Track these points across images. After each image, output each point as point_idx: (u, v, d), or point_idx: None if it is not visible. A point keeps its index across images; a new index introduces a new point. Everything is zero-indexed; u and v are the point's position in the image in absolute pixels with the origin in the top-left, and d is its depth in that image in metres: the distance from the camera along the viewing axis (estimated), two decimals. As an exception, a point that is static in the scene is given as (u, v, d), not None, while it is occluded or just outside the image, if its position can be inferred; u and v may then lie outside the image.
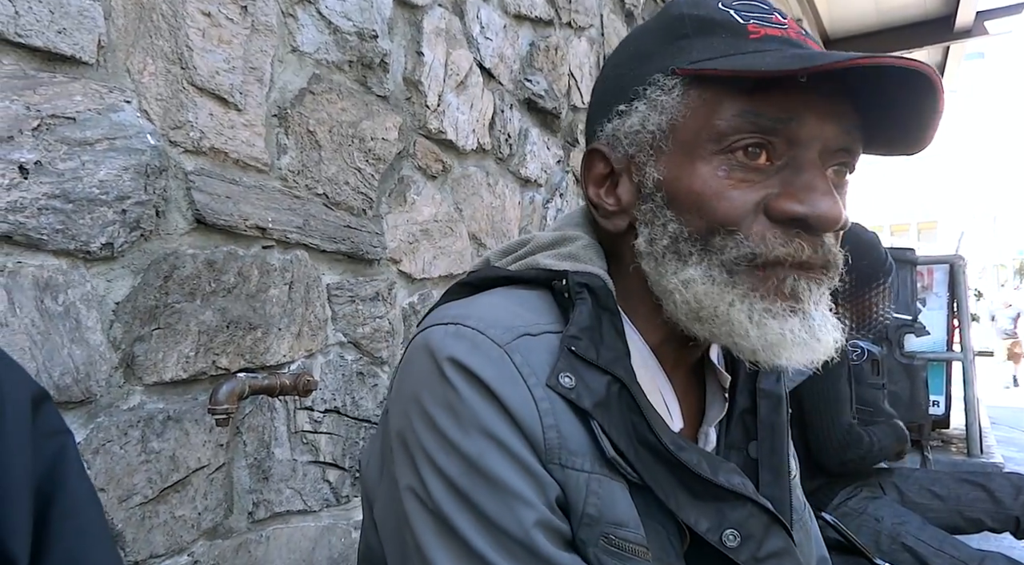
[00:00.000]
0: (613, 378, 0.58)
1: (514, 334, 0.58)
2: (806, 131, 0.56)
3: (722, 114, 0.57)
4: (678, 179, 0.59)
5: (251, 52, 1.16)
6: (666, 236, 0.60)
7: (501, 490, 0.54)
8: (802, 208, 0.56)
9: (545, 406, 0.56)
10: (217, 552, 1.10)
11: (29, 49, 0.85)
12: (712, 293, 0.58)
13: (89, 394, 0.91)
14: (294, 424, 1.26)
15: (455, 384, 0.56)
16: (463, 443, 0.54)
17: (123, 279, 0.97)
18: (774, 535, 0.60)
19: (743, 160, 0.57)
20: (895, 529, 1.98)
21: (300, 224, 1.24)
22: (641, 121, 0.61)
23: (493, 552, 0.53)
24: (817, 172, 0.57)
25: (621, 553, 0.55)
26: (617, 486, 0.57)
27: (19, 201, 0.83)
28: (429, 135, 1.60)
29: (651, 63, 0.62)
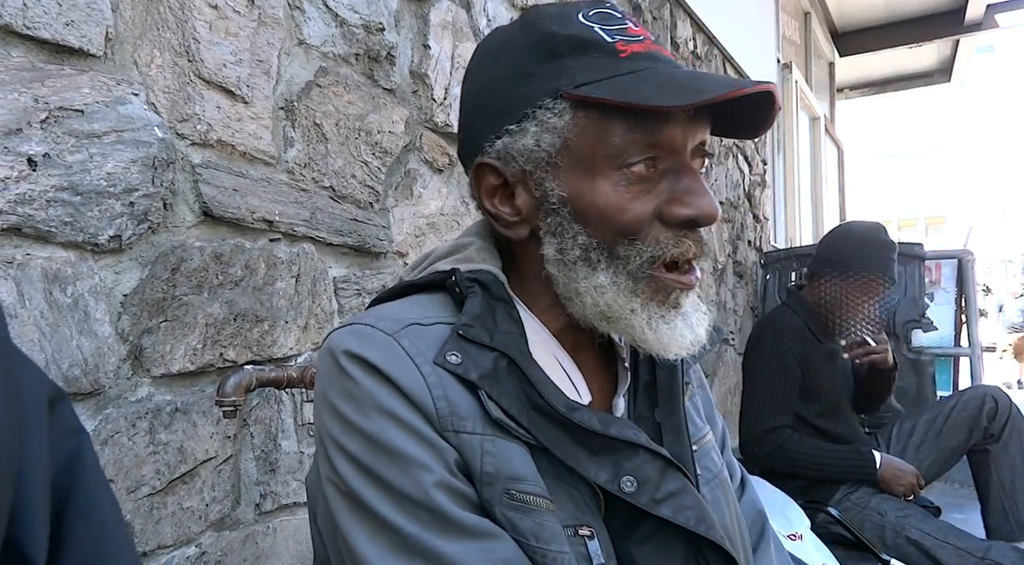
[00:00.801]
0: (500, 354, 0.64)
1: (402, 324, 0.64)
2: (679, 137, 0.64)
3: (615, 132, 0.63)
4: (582, 195, 0.65)
5: (258, 45, 1.16)
6: (576, 247, 0.66)
7: (401, 459, 0.58)
8: (689, 211, 0.64)
9: (433, 379, 0.61)
10: (224, 543, 1.10)
11: (37, 41, 0.85)
12: (619, 300, 0.65)
13: (98, 386, 0.92)
14: (301, 416, 1.26)
15: (350, 372, 0.61)
16: (363, 423, 0.59)
17: (131, 271, 0.97)
18: (670, 477, 0.65)
19: (637, 173, 0.64)
20: (899, 522, 1.97)
21: (307, 217, 1.24)
22: (535, 141, 0.66)
23: (399, 517, 0.57)
24: (693, 175, 0.65)
25: (525, 505, 0.59)
26: (512, 446, 0.61)
27: (28, 193, 0.83)
28: (435, 128, 1.60)
29: (533, 83, 0.66)
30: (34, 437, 0.46)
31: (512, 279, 0.72)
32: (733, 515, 0.74)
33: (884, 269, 2.11)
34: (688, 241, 0.65)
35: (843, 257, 2.14)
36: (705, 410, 0.84)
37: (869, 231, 2.18)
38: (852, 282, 2.12)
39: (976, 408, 2.13)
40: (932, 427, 2.19)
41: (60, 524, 0.49)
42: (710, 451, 0.78)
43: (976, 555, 1.84)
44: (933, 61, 6.93)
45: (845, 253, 2.14)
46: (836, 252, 2.18)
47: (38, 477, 0.45)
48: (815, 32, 5.74)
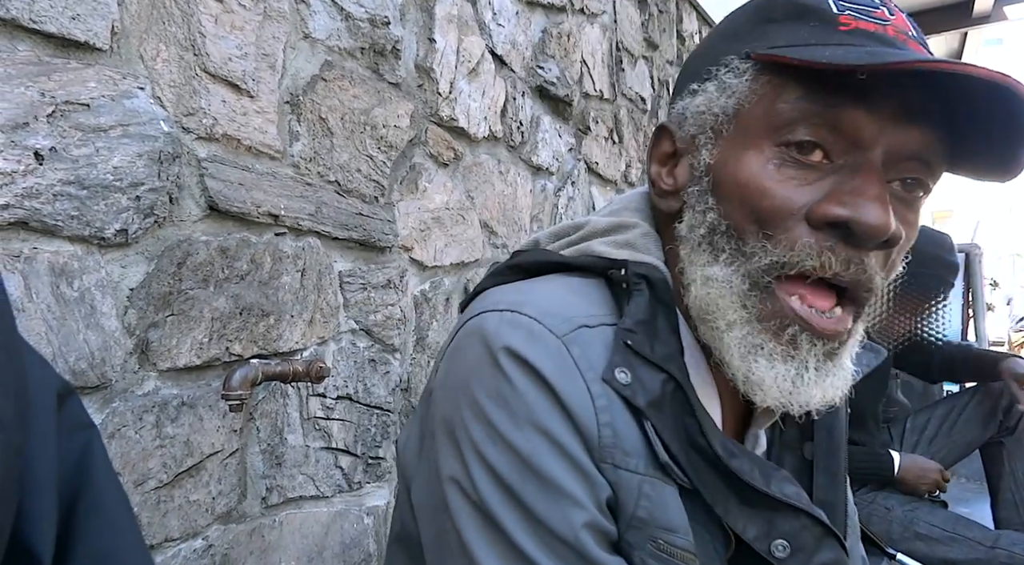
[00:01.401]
0: (668, 376, 0.56)
1: (572, 325, 0.56)
2: (871, 126, 0.52)
3: (786, 97, 0.53)
4: (727, 165, 0.57)
5: (263, 38, 1.16)
6: (704, 225, 0.58)
7: (552, 489, 0.52)
8: (843, 211, 0.52)
9: (602, 403, 0.54)
10: (231, 536, 1.11)
11: (43, 35, 0.85)
12: (722, 304, 0.56)
13: (104, 379, 0.92)
14: (307, 410, 1.26)
15: (510, 375, 0.53)
16: (514, 437, 0.52)
17: (137, 265, 0.97)
18: (826, 547, 0.57)
19: (796, 156, 0.54)
20: (907, 516, 1.97)
21: (312, 211, 1.24)
22: (708, 102, 0.59)
23: (539, 552, 0.51)
24: (873, 176, 0.52)
25: (669, 559, 0.54)
26: (668, 490, 0.55)
27: (34, 187, 0.83)
28: (441, 122, 1.60)
29: (734, 44, 0.59)
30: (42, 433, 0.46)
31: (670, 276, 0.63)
32: (856, 560, 0.68)
33: (936, 290, 2.06)
34: (833, 256, 0.52)
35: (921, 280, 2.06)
36: None
37: (936, 247, 2.07)
38: (900, 295, 2.07)
39: (992, 403, 2.12)
40: (946, 421, 2.19)
41: (70, 521, 0.49)
42: (848, 491, 0.70)
43: (985, 544, 1.83)
44: (941, 54, 6.88)
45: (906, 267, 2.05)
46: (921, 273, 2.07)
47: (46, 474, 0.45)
48: (822, 25, 5.70)
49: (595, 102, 2.37)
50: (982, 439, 2.15)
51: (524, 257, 0.67)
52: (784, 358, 0.54)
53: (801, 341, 0.54)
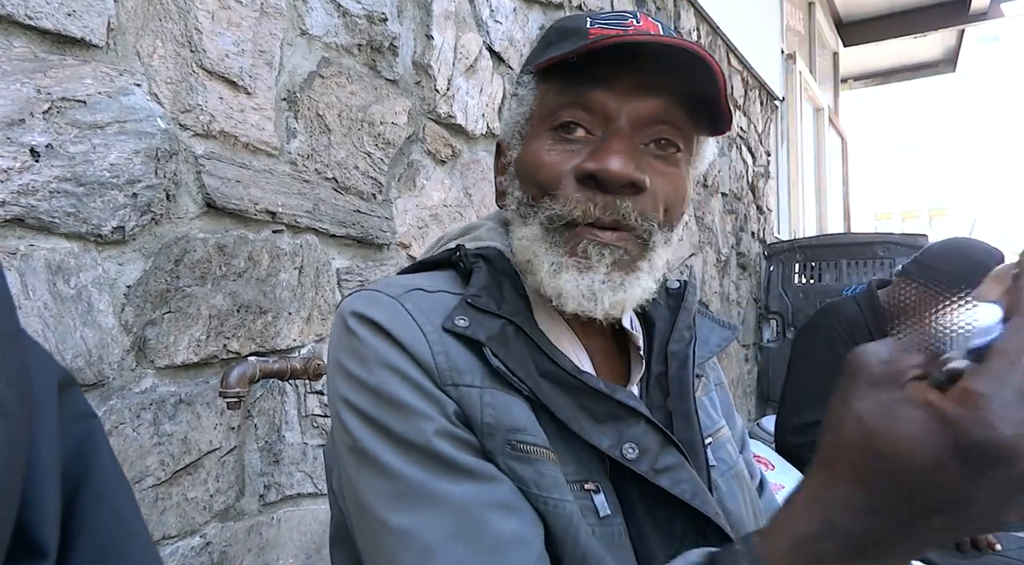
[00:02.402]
0: (507, 321, 0.66)
1: (407, 288, 0.67)
2: (612, 102, 0.65)
3: (551, 94, 0.68)
4: (522, 155, 0.71)
5: (260, 35, 1.15)
6: (515, 202, 0.71)
7: (403, 409, 0.60)
8: (591, 164, 0.64)
9: (433, 337, 0.63)
10: (229, 534, 1.11)
11: (39, 31, 0.84)
12: (530, 247, 0.67)
13: (102, 377, 0.92)
14: (304, 408, 1.26)
15: (357, 332, 0.64)
16: (368, 378, 0.62)
17: (134, 263, 0.97)
18: (668, 452, 0.66)
19: (564, 135, 0.67)
20: None
21: (310, 208, 1.24)
22: (511, 114, 0.74)
23: (403, 464, 0.59)
24: (619, 137, 0.65)
25: (527, 455, 0.61)
26: (512, 398, 0.63)
27: (31, 184, 0.83)
28: (438, 119, 1.60)
29: (525, 66, 0.74)
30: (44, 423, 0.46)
31: None
32: (749, 506, 0.75)
33: None
34: (592, 204, 0.65)
35: (939, 267, 2.01)
36: (723, 407, 0.85)
37: (983, 256, 2.00)
38: (934, 297, 2.04)
39: None
40: None
41: (73, 510, 0.48)
42: (725, 444, 0.79)
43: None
44: (938, 51, 6.89)
45: (944, 265, 2.00)
46: (937, 261, 2.03)
47: (49, 463, 0.45)
48: (819, 22, 5.70)
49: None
50: None
51: (398, 272, 0.80)
52: (580, 269, 0.65)
53: (591, 251, 0.65)
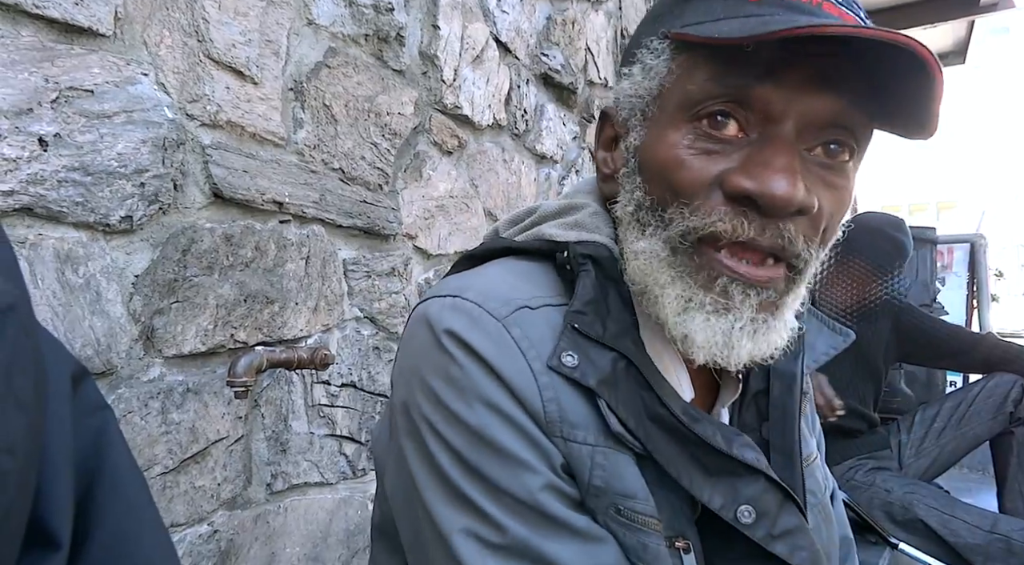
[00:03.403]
0: (619, 354, 0.57)
1: (512, 307, 0.58)
2: (779, 99, 0.53)
3: (695, 78, 0.55)
4: (649, 145, 0.59)
5: (267, 25, 1.15)
6: (632, 203, 0.60)
7: (506, 458, 0.54)
8: (749, 184, 0.53)
9: (544, 380, 0.55)
10: (236, 522, 1.11)
11: (47, 20, 0.85)
12: (652, 270, 0.57)
13: (110, 366, 0.92)
14: (311, 398, 1.27)
15: (455, 356, 0.56)
16: (466, 414, 0.55)
17: (142, 252, 0.97)
18: (788, 512, 0.59)
19: (708, 129, 0.55)
20: (906, 498, 1.98)
21: (316, 199, 1.24)
22: (634, 85, 0.60)
23: (505, 517, 0.53)
24: (782, 148, 0.53)
25: (633, 524, 0.55)
26: (623, 458, 0.56)
27: (39, 173, 0.83)
28: (445, 110, 1.59)
29: (654, 25, 0.60)
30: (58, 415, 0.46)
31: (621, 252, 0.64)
32: (829, 544, 0.69)
33: (882, 263, 2.10)
34: (746, 221, 0.53)
35: (849, 238, 2.12)
36: (811, 419, 0.77)
37: (881, 222, 2.17)
38: (847, 265, 2.13)
39: (1002, 395, 2.12)
40: (955, 413, 2.19)
41: (88, 502, 0.48)
42: (815, 471, 0.72)
43: (984, 528, 1.84)
44: (948, 42, 6.83)
45: (848, 236, 2.12)
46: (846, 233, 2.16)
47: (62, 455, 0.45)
48: (828, 13, 5.66)
49: (600, 90, 2.36)
50: (991, 432, 2.15)
51: (479, 247, 0.69)
52: (717, 310, 0.55)
53: (733, 291, 0.55)
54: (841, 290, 2.14)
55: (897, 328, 2.23)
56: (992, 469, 2.26)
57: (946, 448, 2.18)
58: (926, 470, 2.19)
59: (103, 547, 0.48)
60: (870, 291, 2.12)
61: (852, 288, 2.13)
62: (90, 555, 0.47)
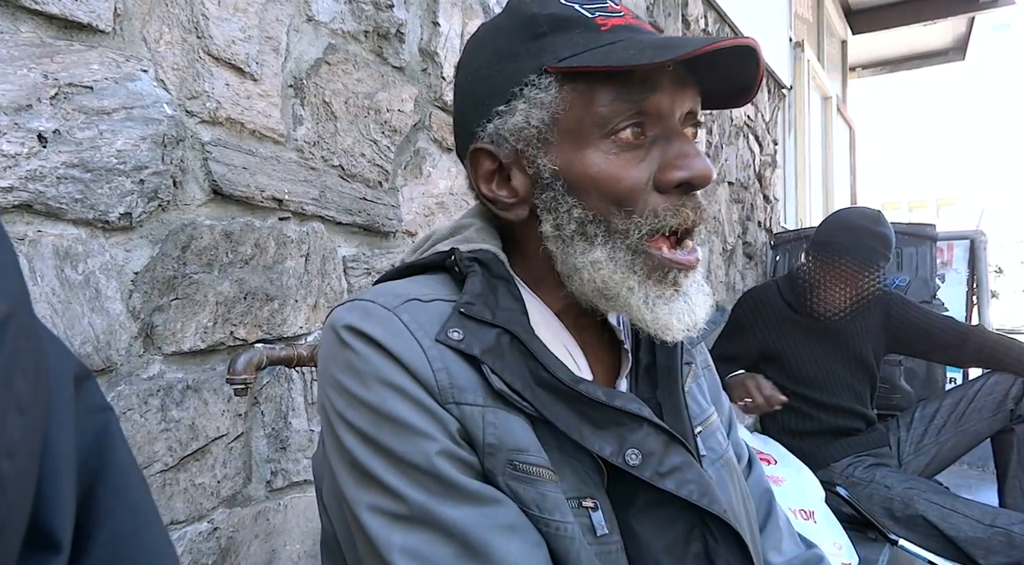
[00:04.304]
0: (503, 330, 0.64)
1: (402, 300, 0.65)
2: (666, 102, 0.64)
3: (600, 101, 0.63)
4: (573, 167, 0.65)
5: (267, 21, 1.15)
6: (572, 221, 0.66)
7: (404, 429, 0.59)
8: (684, 173, 0.63)
9: (433, 353, 0.61)
10: (236, 519, 1.11)
11: (46, 16, 0.84)
12: (616, 277, 0.65)
13: (110, 363, 0.92)
14: (311, 395, 1.27)
15: (352, 346, 0.62)
16: (366, 395, 0.60)
17: (142, 249, 0.97)
18: (673, 452, 0.65)
19: (625, 140, 0.64)
20: (906, 494, 1.98)
21: (316, 196, 1.24)
22: (524, 118, 0.66)
23: (404, 485, 0.58)
24: (684, 138, 0.65)
25: (528, 476, 0.60)
26: (514, 418, 0.62)
27: (38, 170, 0.83)
28: (445, 107, 1.59)
29: (519, 62, 0.67)
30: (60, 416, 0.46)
31: (514, 260, 0.72)
32: (739, 495, 0.75)
33: (868, 259, 2.10)
34: (686, 209, 0.65)
35: (829, 242, 2.17)
36: (711, 392, 0.84)
37: (861, 219, 2.17)
38: (834, 268, 2.14)
39: (1002, 392, 2.12)
40: (955, 410, 2.18)
41: (90, 504, 0.48)
42: (715, 432, 0.78)
43: (984, 522, 1.84)
44: (948, 39, 6.82)
45: (832, 238, 2.17)
46: (825, 235, 2.20)
47: (64, 457, 0.45)
48: (828, 9, 5.66)
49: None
50: (991, 429, 2.14)
51: (384, 274, 0.76)
52: (673, 297, 0.66)
53: (679, 278, 0.66)
54: (834, 292, 2.15)
55: (887, 320, 2.23)
56: (992, 466, 2.26)
57: (946, 445, 2.18)
58: (925, 467, 2.19)
59: (105, 549, 0.48)
60: (862, 288, 2.13)
61: (844, 289, 2.14)
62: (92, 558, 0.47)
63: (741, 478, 0.78)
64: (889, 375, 2.98)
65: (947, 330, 2.18)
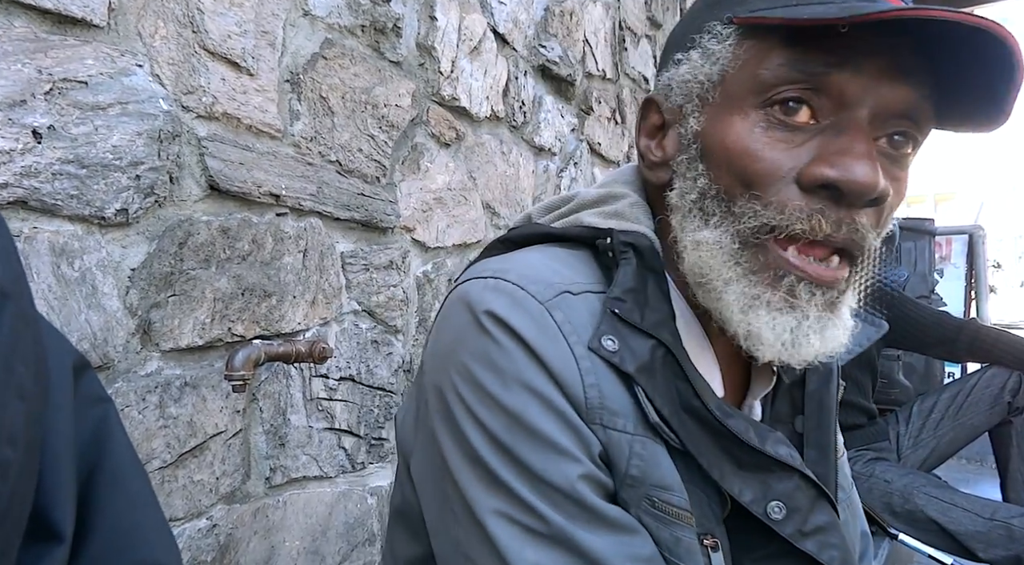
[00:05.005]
0: (658, 342, 0.56)
1: (555, 291, 0.57)
2: (856, 86, 0.52)
3: (768, 63, 0.54)
4: (715, 131, 0.57)
5: (263, 15, 1.14)
6: (695, 191, 0.58)
7: (544, 444, 0.53)
8: (832, 172, 0.52)
9: (586, 365, 0.54)
10: (235, 516, 1.11)
11: (39, 11, 0.84)
12: (714, 263, 0.56)
13: (107, 360, 0.92)
14: (310, 391, 1.26)
15: (495, 337, 0.54)
16: (504, 397, 0.53)
17: (138, 245, 0.96)
18: (820, 509, 0.58)
19: (782, 117, 0.54)
20: (906, 488, 1.99)
21: (313, 191, 1.23)
22: (692, 70, 0.59)
23: (542, 504, 0.52)
24: (859, 135, 0.52)
25: (666, 517, 0.54)
26: (660, 450, 0.55)
27: (33, 166, 0.82)
28: (442, 102, 1.59)
29: (715, 10, 0.58)
30: (59, 406, 0.46)
31: (661, 244, 0.63)
32: (853, 537, 0.68)
33: None
34: (823, 219, 0.53)
35: None
36: None
37: None
38: None
39: (999, 385, 2.12)
40: (953, 404, 2.19)
41: (89, 495, 0.48)
42: (844, 466, 0.71)
43: (983, 516, 1.85)
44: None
45: None
46: None
47: (64, 446, 0.45)
48: (826, 4, 5.64)
49: (597, 82, 2.35)
50: (989, 423, 2.14)
51: (514, 232, 0.68)
52: (783, 308, 0.54)
53: (800, 290, 0.54)
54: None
55: (886, 315, 2.23)
56: (990, 460, 2.26)
57: (944, 439, 2.18)
58: (924, 461, 2.19)
59: (105, 540, 0.48)
60: (860, 282, 2.13)
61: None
62: (92, 548, 0.47)
63: (858, 521, 0.72)
64: (888, 370, 2.98)
65: (941, 325, 2.18)
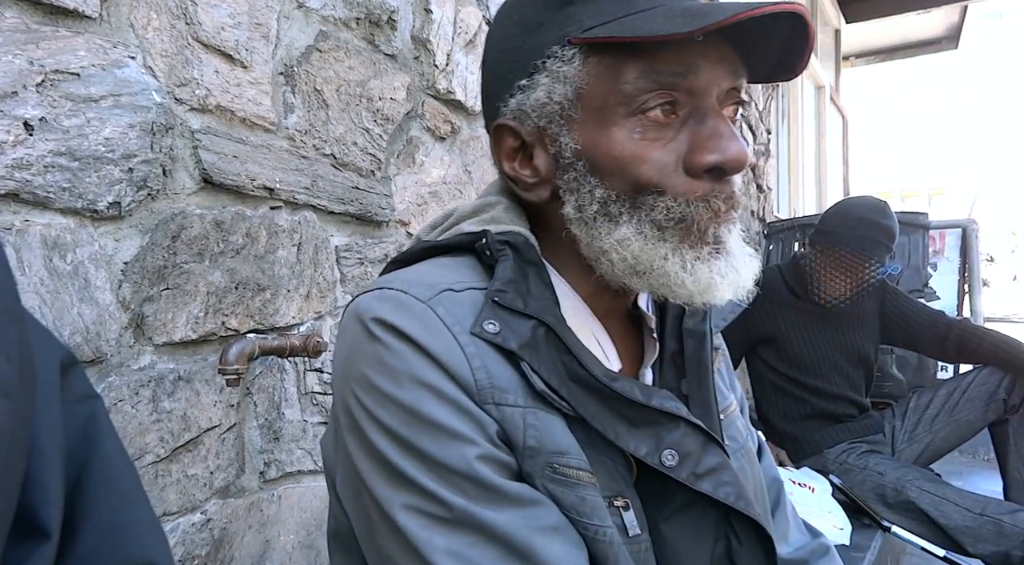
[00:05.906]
0: (539, 322, 0.61)
1: (436, 290, 0.61)
2: (703, 79, 0.59)
3: (626, 77, 0.59)
4: (596, 146, 0.62)
5: (256, 7, 1.13)
6: (595, 202, 0.62)
7: (441, 432, 0.56)
8: (713, 157, 0.59)
9: (471, 350, 0.58)
10: (229, 510, 1.11)
11: (31, 2, 0.83)
12: (647, 249, 0.61)
13: (99, 354, 0.91)
14: (304, 385, 1.26)
15: (384, 341, 0.58)
16: (399, 395, 0.57)
17: (131, 239, 0.96)
18: (710, 452, 0.63)
19: (653, 119, 0.60)
20: (899, 481, 2.01)
21: (308, 185, 1.23)
22: (547, 93, 0.63)
23: (444, 489, 0.55)
24: (719, 118, 0.60)
25: (568, 479, 0.58)
26: (554, 418, 0.59)
27: (25, 158, 0.82)
28: (437, 95, 1.58)
29: (543, 34, 0.63)
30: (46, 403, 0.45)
31: (541, 243, 0.68)
32: (756, 484, 0.73)
33: (869, 251, 2.11)
34: (718, 201, 0.60)
35: (833, 231, 2.18)
36: (728, 376, 0.82)
37: (867, 211, 2.17)
38: (835, 257, 2.15)
39: (995, 383, 2.13)
40: (949, 400, 2.20)
41: (78, 493, 0.48)
42: (735, 420, 0.76)
43: (974, 511, 1.86)
44: (941, 28, 6.82)
45: (836, 228, 2.17)
46: (830, 225, 2.21)
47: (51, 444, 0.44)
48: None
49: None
50: (985, 420, 2.15)
51: (403, 253, 0.73)
52: (713, 255, 0.61)
53: (720, 233, 0.62)
54: (836, 282, 2.16)
55: (882, 309, 2.25)
56: (983, 453, 2.28)
57: (939, 435, 2.19)
58: (919, 456, 2.21)
59: (95, 537, 0.48)
60: (863, 278, 2.14)
61: (845, 278, 2.15)
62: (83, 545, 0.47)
63: (758, 467, 0.77)
64: (882, 364, 3.00)
65: (934, 325, 2.20)
